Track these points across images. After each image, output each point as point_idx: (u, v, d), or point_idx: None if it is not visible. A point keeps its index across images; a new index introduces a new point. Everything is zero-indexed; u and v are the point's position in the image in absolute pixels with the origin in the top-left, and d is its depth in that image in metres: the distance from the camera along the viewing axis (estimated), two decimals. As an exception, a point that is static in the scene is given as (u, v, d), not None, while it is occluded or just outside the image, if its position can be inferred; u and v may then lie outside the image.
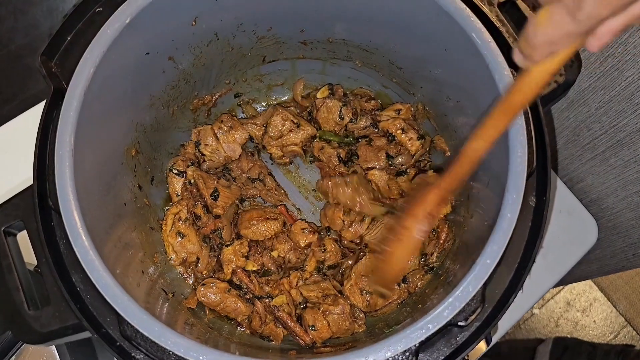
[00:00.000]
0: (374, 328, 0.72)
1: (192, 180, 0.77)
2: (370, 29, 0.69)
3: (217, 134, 0.80)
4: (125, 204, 0.66)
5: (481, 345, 0.52)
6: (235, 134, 0.80)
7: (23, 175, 0.87)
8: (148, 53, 0.62)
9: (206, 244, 0.76)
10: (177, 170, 0.77)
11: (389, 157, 0.80)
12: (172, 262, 0.74)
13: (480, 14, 0.58)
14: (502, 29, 0.59)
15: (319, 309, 0.72)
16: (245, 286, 0.74)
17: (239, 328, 0.74)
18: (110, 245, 0.58)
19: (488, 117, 0.45)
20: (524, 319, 1.67)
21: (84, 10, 0.59)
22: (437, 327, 0.48)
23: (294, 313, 0.73)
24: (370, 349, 0.48)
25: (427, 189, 0.52)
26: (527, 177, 0.52)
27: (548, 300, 1.70)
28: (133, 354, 0.52)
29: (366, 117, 0.81)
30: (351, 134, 0.83)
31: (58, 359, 0.70)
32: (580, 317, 1.69)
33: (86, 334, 0.54)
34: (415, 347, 0.49)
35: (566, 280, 0.89)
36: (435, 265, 0.74)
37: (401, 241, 0.54)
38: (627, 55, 0.68)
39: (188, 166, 0.77)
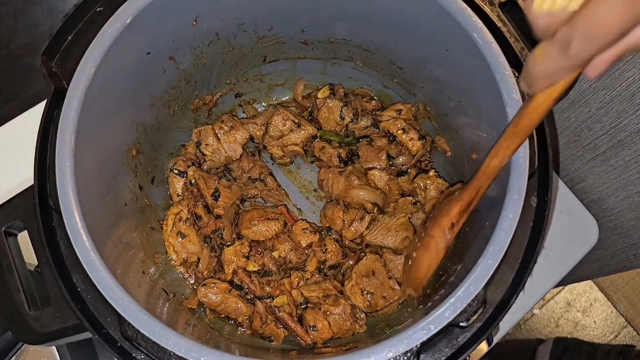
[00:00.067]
0: (375, 328, 0.72)
1: (192, 181, 0.77)
2: (371, 29, 0.69)
3: (218, 133, 0.79)
4: (125, 204, 0.66)
5: (482, 346, 0.52)
6: (236, 133, 0.80)
7: (23, 176, 0.86)
8: (149, 53, 0.62)
9: (207, 244, 0.76)
10: (177, 170, 0.77)
11: (389, 157, 0.79)
12: (173, 262, 0.73)
13: (481, 14, 0.58)
14: (503, 29, 0.59)
15: (319, 309, 0.72)
16: (246, 286, 0.74)
17: (239, 328, 0.73)
18: (111, 245, 0.58)
19: (501, 139, 0.49)
20: (524, 319, 1.67)
21: (84, 10, 0.59)
22: (439, 328, 0.48)
23: (295, 313, 0.73)
24: (372, 350, 0.48)
25: (450, 202, 0.57)
26: (529, 177, 0.52)
27: (548, 301, 1.70)
28: (134, 355, 0.51)
29: (367, 117, 0.81)
30: (352, 134, 0.83)
31: (58, 359, 0.69)
32: (581, 317, 1.69)
33: (87, 335, 0.54)
34: (416, 348, 0.49)
35: (567, 280, 0.89)
36: (436, 266, 0.74)
37: (428, 249, 0.59)
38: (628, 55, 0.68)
39: (189, 166, 0.77)
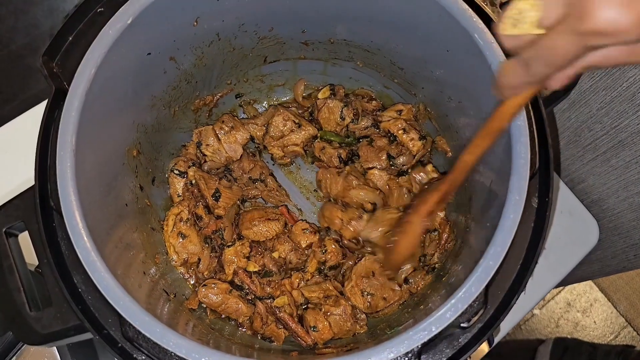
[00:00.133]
0: (376, 329, 0.72)
1: (193, 181, 0.77)
2: (372, 29, 0.69)
3: (219, 134, 0.79)
4: (126, 205, 0.66)
5: (483, 347, 0.52)
6: (237, 134, 0.80)
7: (23, 176, 0.86)
8: (149, 53, 0.62)
9: (207, 245, 0.76)
10: (178, 170, 0.77)
11: (390, 157, 0.79)
12: (174, 262, 0.73)
13: (482, 15, 0.58)
14: (504, 30, 0.59)
15: (320, 309, 0.72)
16: (247, 287, 0.74)
17: (240, 329, 0.73)
18: (112, 246, 0.58)
19: (475, 138, 0.53)
20: (524, 319, 1.67)
21: (85, 10, 0.59)
22: (440, 329, 0.48)
23: (296, 314, 0.73)
24: (373, 351, 0.48)
25: (428, 193, 0.62)
26: (530, 178, 0.52)
27: (548, 301, 1.70)
28: (135, 355, 0.51)
29: (367, 118, 0.81)
30: (352, 134, 0.83)
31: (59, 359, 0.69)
32: (581, 317, 1.69)
33: (88, 335, 0.54)
34: (417, 349, 0.49)
35: (567, 280, 0.88)
36: (436, 266, 0.74)
37: (407, 233, 0.65)
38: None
39: (189, 167, 0.77)
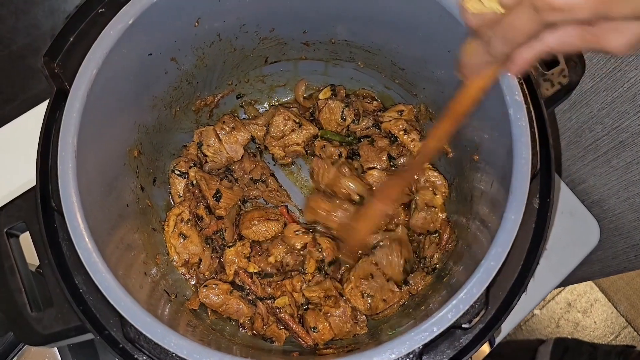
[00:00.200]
0: (376, 330, 0.71)
1: (194, 182, 0.77)
2: (372, 29, 0.69)
3: (220, 134, 0.79)
4: (127, 205, 0.66)
5: (485, 348, 0.52)
6: (238, 134, 0.80)
7: (24, 176, 0.86)
8: (151, 54, 0.62)
9: (208, 245, 0.76)
10: (179, 171, 0.76)
11: (390, 158, 0.79)
12: (175, 263, 0.73)
13: (483, 16, 0.58)
14: (505, 31, 0.59)
15: (320, 310, 0.72)
16: (248, 287, 0.74)
17: (241, 329, 0.73)
18: (113, 246, 0.58)
19: (438, 123, 0.54)
20: (524, 319, 1.67)
21: (86, 11, 0.59)
22: (441, 330, 0.48)
23: (296, 314, 0.73)
24: (374, 351, 0.48)
25: (392, 179, 0.64)
26: (531, 178, 0.52)
27: (549, 301, 1.70)
28: (136, 356, 0.51)
29: (368, 118, 0.81)
30: (353, 134, 0.83)
31: (60, 360, 0.70)
32: (581, 317, 1.69)
33: (89, 336, 0.54)
34: (419, 350, 0.49)
35: (568, 281, 0.88)
36: (437, 267, 0.74)
37: (367, 218, 0.66)
38: (629, 56, 0.68)
39: (190, 167, 0.77)
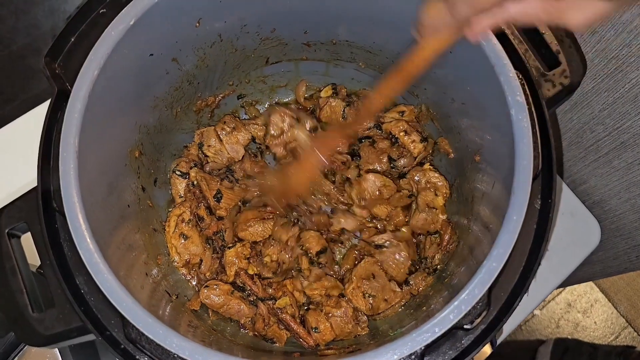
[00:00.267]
0: (377, 331, 0.71)
1: (195, 182, 0.77)
2: (373, 30, 0.69)
3: (220, 135, 0.79)
4: (128, 206, 0.66)
5: (486, 349, 0.52)
6: (238, 134, 0.80)
7: (24, 177, 0.86)
8: (152, 54, 0.62)
9: (209, 246, 0.76)
10: (180, 171, 0.76)
11: (391, 159, 0.79)
12: (176, 263, 0.73)
13: (485, 16, 0.58)
14: (507, 31, 0.59)
15: (321, 310, 0.72)
16: (249, 288, 0.74)
17: (242, 330, 0.73)
18: (114, 247, 0.58)
19: (386, 79, 0.54)
20: (525, 320, 1.67)
21: (87, 11, 0.59)
22: (443, 331, 0.48)
23: (298, 315, 0.73)
24: (376, 352, 0.48)
25: (333, 132, 0.64)
26: (533, 179, 0.52)
27: (549, 302, 1.70)
28: (137, 357, 0.52)
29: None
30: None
31: (61, 361, 0.69)
32: (581, 318, 1.69)
33: (90, 337, 0.54)
34: (421, 350, 0.49)
35: (568, 281, 0.88)
36: (438, 268, 0.74)
37: (302, 165, 0.67)
38: (631, 57, 0.68)
39: (191, 168, 0.77)
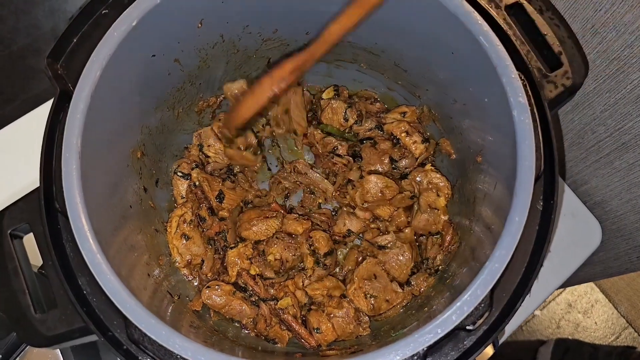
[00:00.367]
0: (379, 331, 0.71)
1: (196, 183, 0.77)
2: (375, 31, 0.69)
3: (218, 134, 0.79)
4: (130, 207, 0.66)
5: (488, 350, 0.52)
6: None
7: (25, 178, 0.86)
8: (154, 55, 0.62)
9: (211, 246, 0.76)
10: (181, 172, 0.77)
11: (392, 160, 0.79)
12: (177, 264, 0.73)
13: (487, 17, 0.58)
14: (509, 32, 0.59)
15: (323, 311, 0.72)
16: (251, 289, 0.74)
17: (243, 330, 0.73)
18: (116, 248, 0.58)
19: (347, 7, 0.54)
20: (525, 320, 1.67)
21: (89, 12, 0.59)
22: (445, 332, 0.48)
23: (299, 315, 0.73)
24: (378, 353, 0.48)
25: (287, 60, 0.62)
26: (535, 181, 0.52)
27: (549, 302, 1.70)
28: (140, 358, 0.51)
29: (371, 120, 0.81)
30: (356, 135, 0.83)
31: (62, 361, 0.70)
32: (582, 318, 1.69)
33: (92, 338, 0.54)
34: (423, 351, 0.49)
35: (569, 282, 0.89)
36: (439, 268, 0.74)
37: (253, 93, 0.64)
38: (632, 58, 0.68)
39: (192, 168, 0.77)
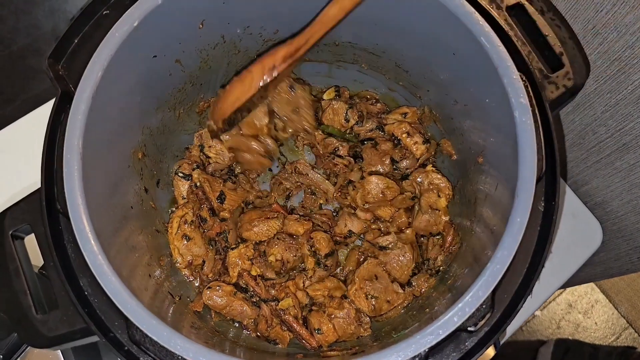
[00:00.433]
0: (380, 332, 0.71)
1: (197, 183, 0.77)
2: (376, 32, 0.69)
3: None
4: (131, 207, 0.66)
5: (489, 351, 0.52)
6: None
7: (26, 179, 0.86)
8: (155, 56, 0.62)
9: (212, 247, 0.76)
10: (182, 173, 0.76)
11: (393, 161, 0.79)
12: (178, 265, 0.73)
13: (488, 18, 0.58)
14: (510, 33, 0.59)
15: (324, 312, 0.72)
16: (252, 289, 0.74)
17: (245, 331, 0.73)
18: (117, 248, 0.58)
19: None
20: (525, 320, 1.67)
21: (91, 12, 0.59)
22: (447, 333, 0.48)
23: (300, 316, 0.73)
24: (380, 354, 0.48)
25: (280, 46, 0.59)
26: (536, 181, 0.52)
27: (550, 302, 1.70)
28: (141, 359, 0.51)
29: (372, 120, 0.81)
30: (357, 136, 0.83)
31: (63, 362, 0.70)
32: (582, 319, 1.69)
33: (94, 338, 0.54)
34: (425, 353, 0.49)
35: (570, 282, 0.89)
36: (440, 269, 0.74)
37: (243, 82, 0.61)
38: (634, 59, 0.68)
39: (193, 169, 0.77)
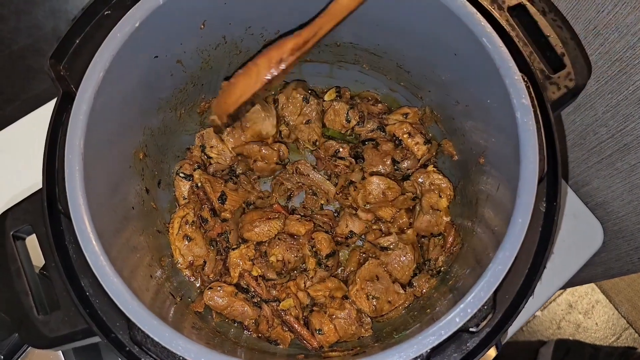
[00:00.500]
0: (381, 333, 0.71)
1: (198, 184, 0.77)
2: (378, 32, 0.69)
3: (221, 135, 0.79)
4: (132, 208, 0.66)
5: (491, 352, 0.52)
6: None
7: (28, 179, 0.86)
8: (157, 56, 0.62)
9: (213, 248, 0.76)
10: (183, 173, 0.76)
11: (394, 162, 0.79)
12: (179, 265, 0.73)
13: (490, 18, 0.58)
14: (512, 34, 0.59)
15: (325, 312, 0.72)
16: (253, 290, 0.74)
17: (246, 332, 0.73)
18: (118, 249, 0.58)
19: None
20: (526, 321, 1.67)
21: (92, 13, 0.59)
22: (449, 333, 0.48)
23: (301, 316, 0.73)
24: (382, 355, 0.48)
25: (287, 38, 0.57)
26: (538, 182, 0.52)
27: (550, 303, 1.70)
28: (142, 359, 0.51)
29: (373, 121, 0.81)
30: (358, 137, 0.83)
31: (64, 362, 0.69)
32: (582, 319, 1.69)
33: (95, 339, 0.54)
34: (426, 353, 0.49)
35: (571, 282, 0.89)
36: (442, 270, 0.74)
37: (249, 75, 0.58)
38: (635, 59, 0.68)
39: (194, 169, 0.77)
